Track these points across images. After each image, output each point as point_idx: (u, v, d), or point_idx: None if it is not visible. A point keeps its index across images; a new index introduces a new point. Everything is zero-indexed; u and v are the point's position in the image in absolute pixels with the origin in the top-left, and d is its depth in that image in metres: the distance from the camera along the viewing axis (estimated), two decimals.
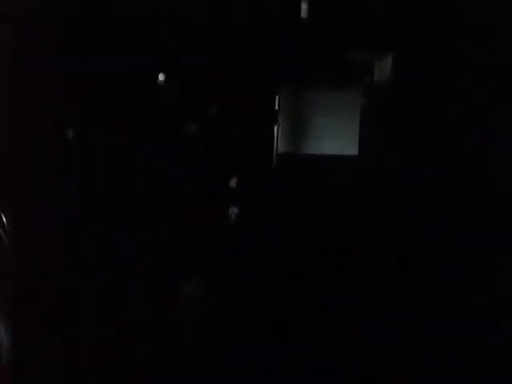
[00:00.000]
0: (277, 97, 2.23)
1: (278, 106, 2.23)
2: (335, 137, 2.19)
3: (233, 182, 2.11)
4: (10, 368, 1.77)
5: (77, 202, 1.97)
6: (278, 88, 2.24)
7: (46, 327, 1.88)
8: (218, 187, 2.12)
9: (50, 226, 1.91)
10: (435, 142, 1.98)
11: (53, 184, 1.96)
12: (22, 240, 1.86)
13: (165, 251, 1.98)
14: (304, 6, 2.12)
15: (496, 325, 1.70)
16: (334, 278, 1.99)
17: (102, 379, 1.86)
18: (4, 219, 1.82)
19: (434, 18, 1.97)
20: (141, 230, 1.97)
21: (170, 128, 2.13)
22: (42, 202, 1.91)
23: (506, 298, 1.71)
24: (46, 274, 1.88)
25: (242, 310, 1.96)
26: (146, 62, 2.07)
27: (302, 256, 2.05)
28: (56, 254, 1.91)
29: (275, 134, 2.22)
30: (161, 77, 2.11)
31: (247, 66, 2.15)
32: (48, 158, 1.98)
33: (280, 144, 2.22)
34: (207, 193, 2.09)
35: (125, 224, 1.98)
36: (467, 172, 1.89)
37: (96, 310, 1.91)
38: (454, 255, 1.84)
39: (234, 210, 2.08)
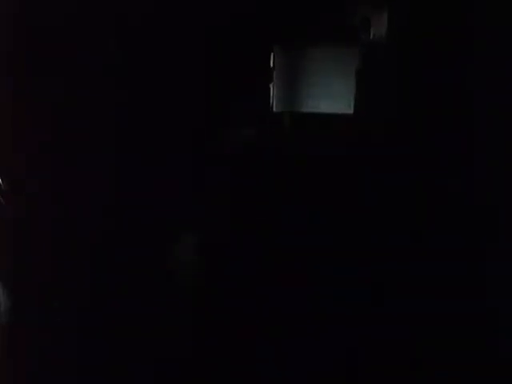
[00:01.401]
0: (271, 54, 2.19)
1: (273, 63, 2.20)
2: (330, 95, 2.17)
3: (228, 142, 2.11)
4: (7, 331, 1.80)
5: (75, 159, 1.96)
6: (273, 45, 2.20)
7: (44, 293, 1.90)
8: (214, 147, 2.11)
9: (49, 185, 1.91)
10: (433, 100, 1.97)
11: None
12: (21, 202, 1.86)
13: (161, 207, 2.00)
14: None
15: None
16: (328, 235, 2.02)
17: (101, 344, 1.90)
18: (1, 182, 1.81)
19: None
20: (138, 188, 1.98)
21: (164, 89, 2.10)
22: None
23: None
24: (46, 236, 1.90)
25: (240, 266, 2.00)
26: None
27: (296, 215, 2.07)
28: (55, 215, 1.92)
29: (270, 92, 2.20)
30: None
31: (241, 23, 2.10)
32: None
33: (275, 102, 2.20)
34: (202, 152, 2.09)
35: (121, 185, 1.99)
36: (466, 131, 1.90)
37: (94, 269, 1.94)
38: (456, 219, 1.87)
39: (228, 169, 2.08)
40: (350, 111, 2.14)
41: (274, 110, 2.19)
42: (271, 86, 2.19)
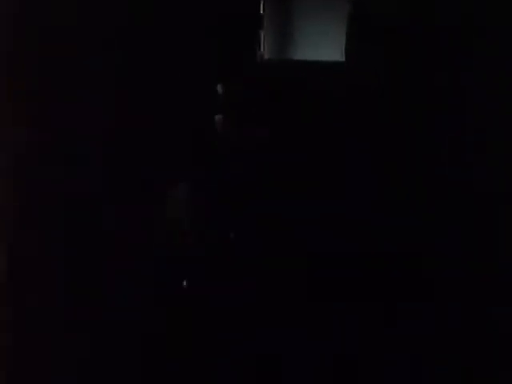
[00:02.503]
0: (261, 1, 2.13)
1: (263, 10, 2.14)
2: (321, 42, 2.14)
3: (219, 89, 2.05)
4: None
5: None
6: None
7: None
8: (204, 94, 2.05)
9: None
10: (429, 48, 1.96)
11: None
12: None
13: (152, 158, 1.93)
14: None
15: None
16: (316, 185, 2.01)
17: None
18: None
19: None
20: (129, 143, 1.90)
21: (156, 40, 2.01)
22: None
23: None
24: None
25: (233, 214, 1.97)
26: None
27: (284, 162, 2.05)
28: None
29: (260, 40, 2.15)
30: None
31: None
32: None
33: (266, 50, 2.15)
34: (193, 100, 2.03)
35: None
36: (461, 79, 1.89)
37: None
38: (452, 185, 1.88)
39: (219, 118, 2.03)
40: (342, 59, 2.12)
41: (265, 57, 2.15)
42: (262, 33, 2.14)
